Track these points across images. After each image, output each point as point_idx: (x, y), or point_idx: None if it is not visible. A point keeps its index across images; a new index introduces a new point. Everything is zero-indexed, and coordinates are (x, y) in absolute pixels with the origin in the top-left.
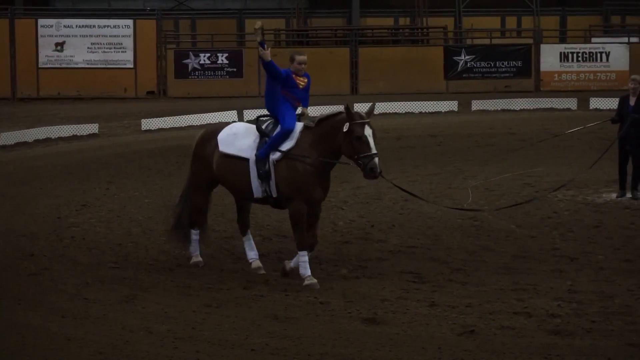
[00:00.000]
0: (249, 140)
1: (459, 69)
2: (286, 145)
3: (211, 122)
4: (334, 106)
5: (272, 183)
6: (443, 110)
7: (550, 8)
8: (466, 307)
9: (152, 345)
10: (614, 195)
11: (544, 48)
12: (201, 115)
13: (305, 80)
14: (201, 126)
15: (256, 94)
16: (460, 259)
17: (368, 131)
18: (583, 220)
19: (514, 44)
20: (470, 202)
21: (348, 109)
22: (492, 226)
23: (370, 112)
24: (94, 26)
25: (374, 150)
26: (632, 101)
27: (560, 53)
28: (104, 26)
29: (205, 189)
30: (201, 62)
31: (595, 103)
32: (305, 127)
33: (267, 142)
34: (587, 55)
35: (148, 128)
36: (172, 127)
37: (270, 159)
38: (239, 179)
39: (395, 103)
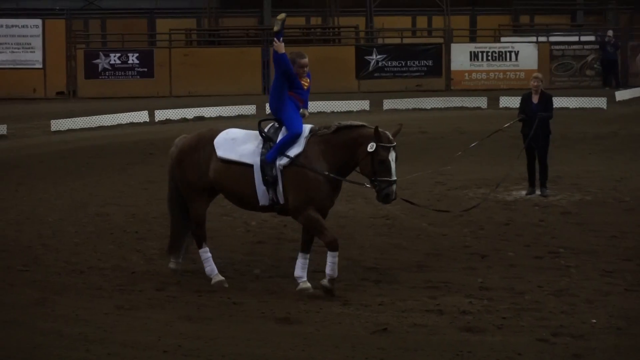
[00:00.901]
0: (251, 145)
1: (370, 69)
2: (294, 151)
3: (122, 122)
4: (246, 106)
5: (280, 189)
6: (355, 110)
7: (460, 8)
8: (379, 306)
9: (63, 349)
10: (523, 193)
11: (455, 47)
12: (112, 115)
13: (309, 80)
14: (112, 127)
15: (167, 94)
16: (373, 258)
17: (392, 155)
18: (493, 217)
19: (425, 44)
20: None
21: (378, 130)
22: (404, 225)
23: (396, 133)
24: (2, 26)
25: (394, 177)
26: (535, 99)
27: (471, 52)
28: (12, 26)
29: (206, 197)
30: (111, 62)
31: (505, 102)
32: (314, 132)
33: (273, 146)
34: (497, 55)
35: (58, 129)
36: (83, 128)
37: (277, 164)
38: (241, 186)
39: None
